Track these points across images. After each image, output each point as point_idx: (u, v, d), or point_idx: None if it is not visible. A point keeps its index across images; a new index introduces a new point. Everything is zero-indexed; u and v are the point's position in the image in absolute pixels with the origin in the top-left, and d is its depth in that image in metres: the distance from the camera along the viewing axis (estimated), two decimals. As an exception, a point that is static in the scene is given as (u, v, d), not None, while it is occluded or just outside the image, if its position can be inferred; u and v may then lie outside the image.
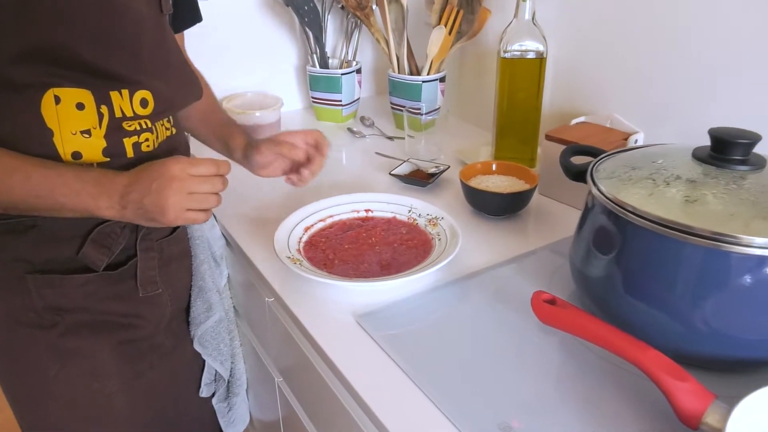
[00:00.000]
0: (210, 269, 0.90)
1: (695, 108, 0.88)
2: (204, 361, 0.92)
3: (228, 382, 0.97)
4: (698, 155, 0.61)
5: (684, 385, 0.49)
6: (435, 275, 0.74)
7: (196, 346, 0.89)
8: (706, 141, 0.62)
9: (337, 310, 0.70)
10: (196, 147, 0.94)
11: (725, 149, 0.60)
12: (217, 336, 0.92)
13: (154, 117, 0.72)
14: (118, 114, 0.68)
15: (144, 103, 0.71)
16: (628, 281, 0.60)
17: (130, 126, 0.69)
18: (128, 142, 0.70)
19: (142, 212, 0.65)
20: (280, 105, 1.28)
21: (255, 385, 1.02)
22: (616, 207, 0.59)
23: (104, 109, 0.67)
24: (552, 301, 0.58)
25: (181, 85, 0.78)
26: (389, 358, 0.62)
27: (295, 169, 0.84)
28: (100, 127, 0.67)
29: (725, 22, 0.81)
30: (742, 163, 0.59)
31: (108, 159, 0.68)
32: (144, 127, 0.71)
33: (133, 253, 0.76)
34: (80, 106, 0.66)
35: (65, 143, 0.66)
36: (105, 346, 0.76)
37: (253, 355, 0.97)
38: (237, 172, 0.79)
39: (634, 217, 0.57)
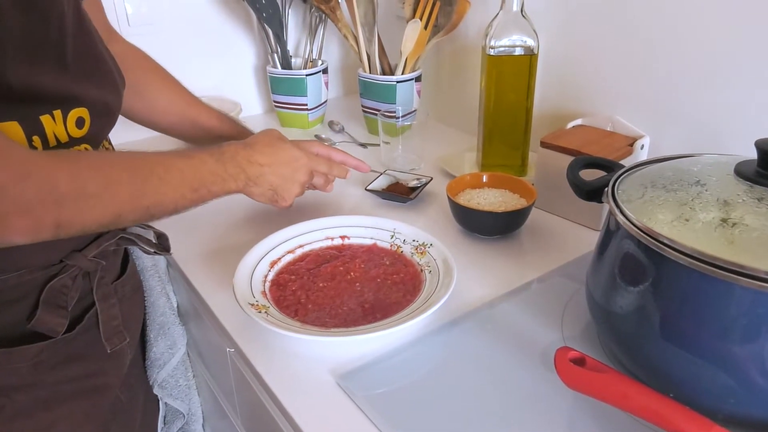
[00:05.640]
0: (168, 300, 0.78)
1: (706, 107, 0.78)
2: (157, 407, 0.79)
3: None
4: (744, 173, 0.51)
5: (759, 474, 0.39)
6: (427, 318, 0.62)
7: (157, 391, 0.77)
8: (721, 145, 0.51)
9: (313, 368, 0.58)
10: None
11: (779, 165, 0.49)
12: (176, 371, 0.80)
13: (93, 139, 0.58)
14: (52, 142, 0.53)
15: (80, 122, 0.56)
16: (665, 323, 0.50)
17: None
18: None
19: (271, 195, 0.68)
20: (238, 111, 1.15)
21: (212, 420, 0.89)
22: (649, 239, 0.48)
23: (36, 140, 0.52)
24: (581, 361, 0.47)
25: (109, 81, 0.62)
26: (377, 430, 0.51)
27: None
28: None
29: (743, 6, 0.71)
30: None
31: None
32: None
33: (88, 303, 0.62)
34: None
35: None
36: (65, 424, 0.61)
37: (206, 388, 0.85)
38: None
39: (670, 251, 0.46)
